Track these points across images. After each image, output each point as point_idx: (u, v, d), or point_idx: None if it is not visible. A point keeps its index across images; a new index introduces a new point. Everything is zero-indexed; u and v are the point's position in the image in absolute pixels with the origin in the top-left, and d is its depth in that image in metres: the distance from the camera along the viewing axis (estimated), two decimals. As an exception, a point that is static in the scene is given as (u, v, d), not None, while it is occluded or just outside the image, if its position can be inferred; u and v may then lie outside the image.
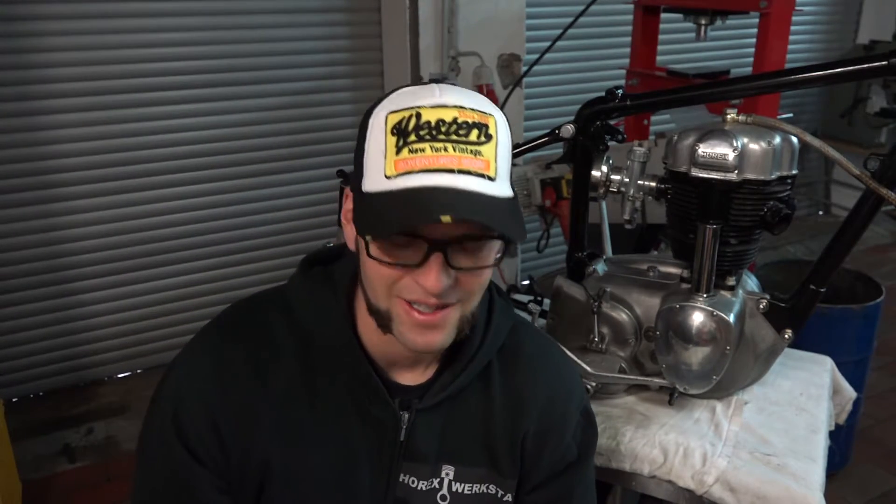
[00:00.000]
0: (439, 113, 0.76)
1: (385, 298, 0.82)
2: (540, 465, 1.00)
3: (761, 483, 1.20)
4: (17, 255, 2.61)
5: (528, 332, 1.05)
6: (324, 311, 0.91)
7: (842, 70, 1.18)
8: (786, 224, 1.23)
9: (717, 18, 2.26)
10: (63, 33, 2.50)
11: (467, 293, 0.82)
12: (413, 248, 0.78)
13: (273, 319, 0.93)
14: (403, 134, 0.76)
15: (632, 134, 2.47)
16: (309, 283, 0.94)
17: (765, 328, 1.32)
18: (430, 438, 0.95)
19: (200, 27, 2.69)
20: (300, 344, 0.91)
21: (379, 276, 0.81)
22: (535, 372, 1.01)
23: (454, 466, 0.96)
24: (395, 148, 0.76)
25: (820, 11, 4.47)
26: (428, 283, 0.77)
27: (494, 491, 0.98)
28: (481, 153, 0.77)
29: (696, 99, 1.39)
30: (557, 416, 1.00)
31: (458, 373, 0.94)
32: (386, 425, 0.93)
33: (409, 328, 0.82)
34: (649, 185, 1.32)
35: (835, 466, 2.40)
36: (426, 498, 0.96)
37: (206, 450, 0.88)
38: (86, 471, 2.45)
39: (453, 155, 0.75)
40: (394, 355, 0.92)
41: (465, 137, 0.76)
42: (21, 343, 2.71)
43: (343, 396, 0.92)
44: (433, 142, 0.75)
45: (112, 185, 2.70)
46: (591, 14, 2.51)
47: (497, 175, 0.78)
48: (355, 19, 2.95)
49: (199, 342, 0.93)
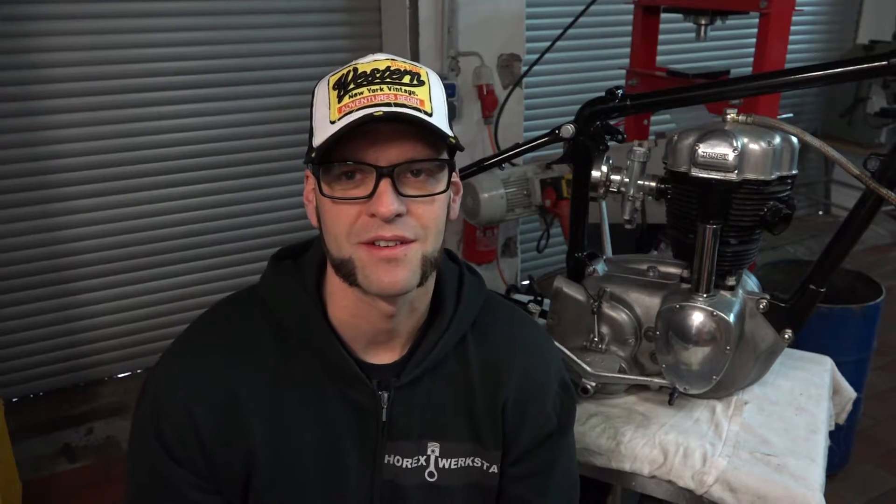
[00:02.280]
0: (374, 65, 0.85)
1: (346, 245, 0.85)
2: (521, 435, 1.01)
3: (761, 483, 1.20)
4: (17, 255, 2.61)
5: (501, 306, 1.07)
6: (294, 299, 0.94)
7: (842, 70, 1.18)
8: (786, 224, 1.24)
9: (717, 18, 2.26)
10: (63, 33, 2.49)
11: (423, 228, 0.85)
12: (363, 182, 0.83)
13: (247, 314, 0.95)
14: (343, 86, 0.84)
15: (632, 134, 2.47)
16: (279, 276, 0.96)
17: (765, 328, 1.32)
18: (411, 416, 0.96)
19: (200, 27, 2.69)
20: (275, 335, 0.93)
21: (337, 219, 0.84)
22: (511, 344, 1.03)
23: (439, 443, 0.98)
24: (337, 98, 0.83)
25: (820, 11, 4.47)
26: (381, 208, 0.81)
27: (480, 464, 1.00)
28: (415, 93, 0.84)
29: (696, 99, 1.39)
30: (535, 386, 1.02)
31: (433, 345, 0.96)
32: (366, 407, 0.94)
33: (372, 267, 0.84)
34: (649, 185, 1.32)
35: (835, 466, 2.40)
36: (413, 476, 0.97)
37: (186, 452, 0.89)
38: (86, 471, 2.45)
39: (389, 92, 0.82)
40: (367, 334, 0.94)
41: (398, 80, 0.84)
42: (21, 343, 2.71)
43: (321, 382, 0.93)
44: (370, 85, 0.83)
45: (112, 185, 2.69)
46: (591, 14, 2.51)
47: (434, 112, 0.84)
48: (355, 19, 2.94)
49: (177, 344, 0.95)
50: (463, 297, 0.99)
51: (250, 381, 0.91)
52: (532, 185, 2.41)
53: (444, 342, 0.96)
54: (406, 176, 0.83)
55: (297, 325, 0.93)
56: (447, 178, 0.87)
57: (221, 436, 0.90)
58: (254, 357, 0.93)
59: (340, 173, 0.83)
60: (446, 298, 0.98)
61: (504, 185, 2.39)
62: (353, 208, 0.83)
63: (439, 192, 0.86)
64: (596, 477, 1.36)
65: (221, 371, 0.91)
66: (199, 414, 0.89)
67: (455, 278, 1.01)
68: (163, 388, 0.91)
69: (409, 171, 0.83)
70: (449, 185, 0.88)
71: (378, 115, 0.79)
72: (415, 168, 0.84)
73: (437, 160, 0.85)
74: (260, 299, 0.96)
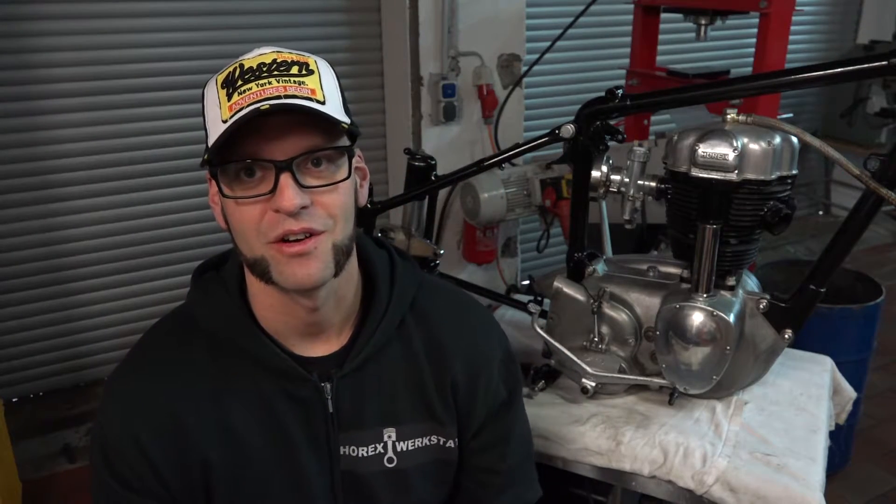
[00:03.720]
0: (259, 59, 0.84)
1: (257, 244, 0.84)
2: (475, 408, 1.03)
3: (761, 483, 1.20)
4: (17, 255, 2.61)
5: (437, 286, 1.09)
6: (220, 307, 0.94)
7: (842, 70, 1.18)
8: (786, 224, 1.23)
9: (717, 18, 2.26)
10: (63, 33, 2.49)
11: (330, 218, 0.84)
12: (264, 180, 0.82)
13: (176, 334, 0.95)
14: (231, 83, 0.83)
15: (632, 134, 2.48)
16: (201, 288, 0.97)
17: (765, 328, 1.32)
18: (361, 403, 0.96)
19: (200, 27, 2.69)
20: (209, 346, 0.93)
21: (243, 220, 0.83)
22: (453, 321, 1.04)
23: (395, 427, 0.98)
24: (227, 96, 0.82)
25: (820, 11, 4.47)
26: (284, 203, 0.80)
27: (437, 440, 1.02)
28: (305, 83, 0.82)
29: (696, 99, 1.39)
30: (482, 359, 1.04)
31: (373, 331, 0.96)
32: (311, 400, 0.94)
33: (285, 264, 0.83)
34: (649, 185, 1.32)
35: (835, 466, 2.40)
36: (372, 464, 0.98)
37: (141, 482, 0.89)
38: (86, 471, 2.42)
39: (278, 85, 0.81)
40: (297, 329, 0.94)
41: (286, 72, 0.82)
42: (21, 343, 2.70)
43: (262, 385, 0.93)
44: (258, 80, 0.81)
45: (112, 185, 2.69)
46: (591, 14, 2.51)
47: (326, 99, 0.83)
48: (355, 19, 2.94)
49: (112, 379, 0.95)
50: (396, 280, 1.00)
51: (189, 398, 0.91)
52: (532, 185, 2.41)
53: (384, 327, 0.97)
54: (306, 167, 0.83)
55: (227, 331, 0.93)
56: (348, 165, 0.86)
57: (172, 458, 0.90)
58: (188, 373, 0.92)
59: (239, 171, 0.82)
60: (380, 284, 0.98)
61: (504, 185, 2.39)
62: (256, 207, 0.82)
63: (341, 179, 0.85)
64: (596, 477, 1.36)
65: (159, 394, 0.91)
66: (145, 441, 0.89)
67: (386, 263, 1.01)
68: (106, 425, 0.91)
69: (308, 162, 0.82)
70: (351, 172, 0.87)
71: (265, 109, 0.78)
72: (314, 158, 0.83)
73: (335, 148, 0.84)
74: (188, 316, 0.96)
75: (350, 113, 0.89)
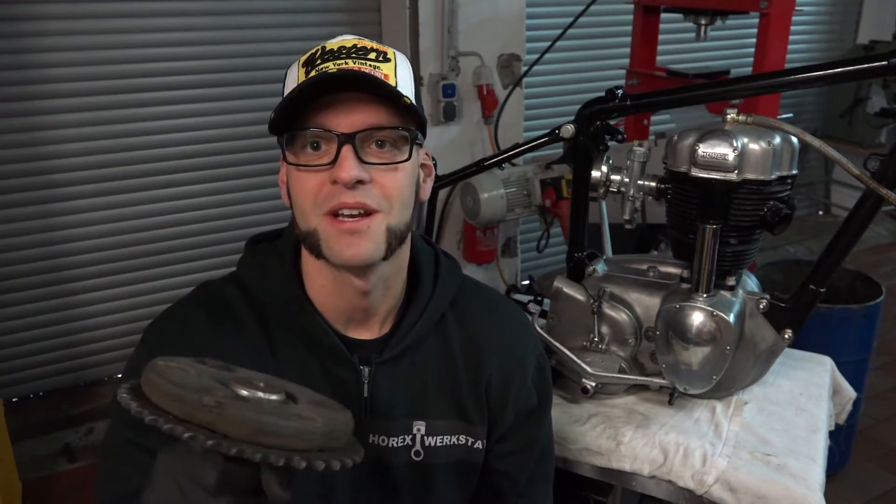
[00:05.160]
0: (341, 42, 0.87)
1: (312, 215, 0.85)
2: (506, 411, 1.03)
3: (761, 483, 1.20)
4: (17, 255, 2.61)
5: (477, 286, 1.10)
6: (273, 277, 0.95)
7: (842, 70, 1.18)
8: (786, 224, 1.23)
9: (717, 18, 2.26)
10: (63, 33, 2.49)
11: (387, 199, 0.86)
12: (328, 152, 0.84)
13: (229, 294, 0.96)
14: (311, 62, 0.86)
15: (632, 134, 2.47)
16: (256, 257, 0.98)
17: (765, 328, 1.32)
18: (394, 393, 0.97)
19: (200, 27, 2.69)
20: (256, 313, 0.94)
21: (303, 189, 0.85)
22: (490, 322, 1.05)
23: (425, 421, 0.99)
24: (305, 74, 0.86)
25: (820, 11, 4.47)
26: (342, 174, 0.82)
27: (465, 441, 1.02)
28: (380, 68, 0.85)
29: (696, 99, 1.39)
30: (516, 361, 1.04)
31: (415, 322, 0.97)
32: (348, 383, 0.95)
33: (336, 239, 0.85)
34: (649, 185, 1.32)
35: (835, 466, 2.40)
36: (399, 455, 0.98)
37: None
38: (86, 471, 2.45)
39: (353, 66, 0.84)
40: (345, 312, 0.95)
41: (364, 56, 0.86)
42: (21, 343, 2.71)
43: (304, 358, 0.94)
44: (335, 60, 0.85)
45: (112, 185, 2.69)
46: (591, 14, 2.51)
47: (398, 84, 0.86)
48: (355, 19, 2.94)
49: (163, 315, 0.96)
50: (440, 276, 1.01)
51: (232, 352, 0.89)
52: (532, 185, 2.41)
53: (425, 319, 0.98)
54: (369, 146, 0.85)
55: (278, 302, 0.94)
56: (410, 149, 0.88)
57: None
58: (238, 332, 0.93)
59: (305, 143, 0.85)
60: (424, 278, 1.00)
61: (504, 185, 2.39)
62: (317, 177, 0.84)
63: (402, 160, 0.87)
64: (596, 477, 1.36)
65: (207, 338, 0.91)
66: None
67: (431, 260, 1.02)
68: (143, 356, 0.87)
69: (372, 142, 0.85)
70: (412, 155, 0.88)
71: (332, 72, 0.82)
72: (378, 137, 0.85)
73: (400, 128, 0.86)
74: (238, 281, 0.97)
75: (422, 109, 0.91)
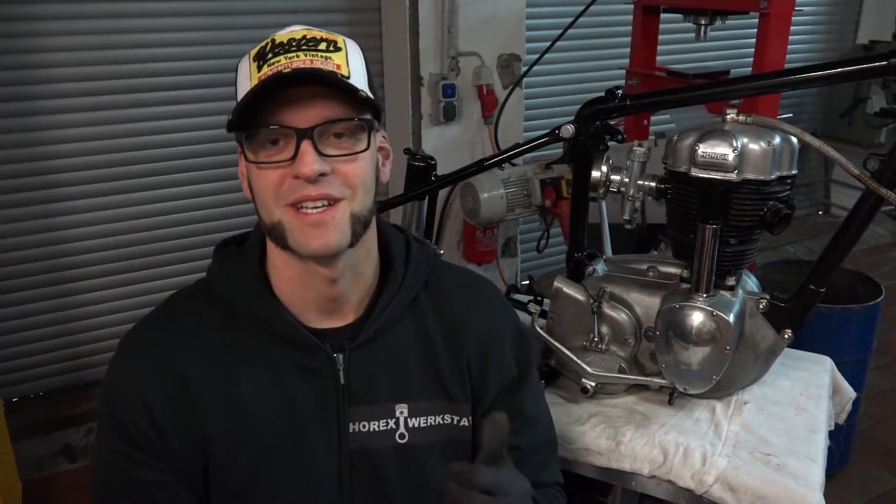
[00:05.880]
0: (290, 35, 0.88)
1: (275, 208, 0.87)
2: (488, 385, 1.04)
3: (761, 483, 1.20)
4: (17, 255, 2.61)
5: (449, 266, 1.11)
6: (237, 276, 0.96)
7: (842, 70, 1.18)
8: (785, 224, 1.23)
9: (717, 18, 2.26)
10: (63, 33, 2.49)
11: (349, 187, 0.87)
12: (286, 147, 0.85)
13: (194, 300, 0.98)
14: (262, 56, 0.87)
15: (632, 134, 2.47)
16: (223, 260, 1.00)
17: (765, 328, 1.32)
18: (373, 378, 0.97)
19: (200, 27, 2.69)
20: (225, 315, 0.95)
21: (264, 184, 0.86)
22: (465, 300, 1.06)
23: (407, 404, 0.99)
24: (257, 69, 0.86)
25: (820, 11, 4.47)
26: (303, 169, 0.83)
27: (451, 420, 1.02)
28: (331, 58, 0.87)
29: (696, 99, 1.39)
30: (493, 336, 1.05)
31: (387, 305, 0.98)
32: (323, 372, 0.95)
33: (301, 231, 0.86)
34: (649, 185, 1.32)
35: (834, 466, 2.40)
36: (383, 439, 0.98)
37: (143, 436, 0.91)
38: (86, 471, 2.45)
39: (305, 58, 0.85)
40: (315, 303, 0.95)
41: (314, 47, 0.87)
42: (21, 343, 2.70)
43: (275, 355, 0.94)
44: (286, 53, 0.86)
45: (112, 185, 2.69)
46: (591, 14, 2.51)
47: (351, 75, 0.87)
48: (355, 19, 2.94)
49: (126, 336, 0.97)
50: (411, 259, 1.02)
51: (199, 360, 0.92)
52: (532, 185, 2.40)
53: (398, 301, 0.99)
54: (328, 138, 0.86)
55: (243, 300, 0.95)
56: (368, 138, 0.89)
57: (175, 416, 0.91)
58: (201, 337, 0.94)
59: (265, 140, 0.86)
60: (395, 263, 1.01)
61: (504, 185, 2.39)
62: (277, 172, 0.85)
63: (361, 150, 0.88)
64: (596, 477, 1.36)
65: (168, 353, 0.93)
66: (151, 397, 0.90)
67: (402, 245, 1.04)
68: (115, 379, 0.93)
69: (330, 133, 0.86)
70: (370, 144, 0.90)
71: (287, 73, 0.82)
72: (335, 130, 0.86)
73: (356, 119, 0.87)
74: (206, 287, 0.98)
75: (376, 94, 0.92)
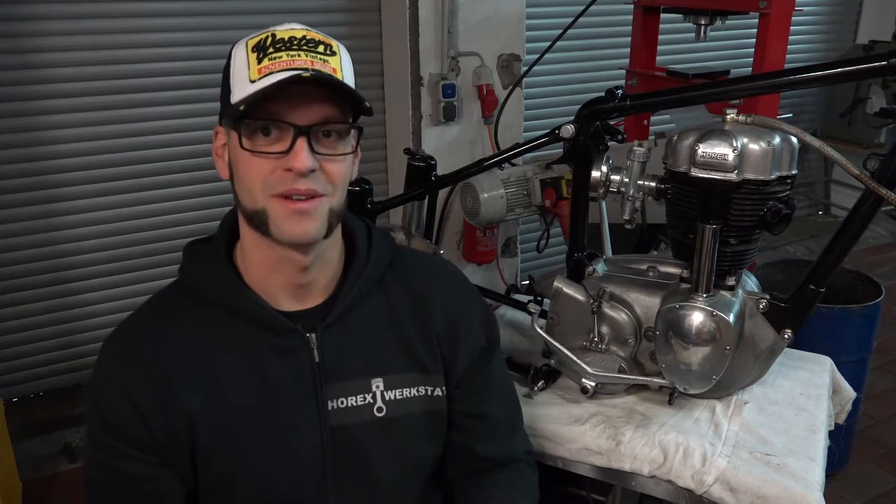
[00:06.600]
0: (291, 33, 0.93)
1: (261, 197, 0.91)
2: (458, 357, 1.10)
3: (761, 483, 1.20)
4: (17, 255, 2.61)
5: (408, 250, 1.20)
6: (207, 267, 1.01)
7: (842, 70, 1.18)
8: (785, 224, 1.24)
9: (716, 18, 2.26)
10: (63, 33, 2.49)
11: (332, 184, 0.93)
12: (280, 139, 0.89)
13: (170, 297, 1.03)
14: (262, 49, 0.90)
15: (632, 134, 2.47)
16: (192, 256, 1.04)
17: (765, 328, 1.32)
18: (346, 354, 1.01)
19: (200, 27, 2.69)
20: (197, 304, 0.99)
21: (253, 172, 0.90)
22: (428, 276, 1.12)
23: (382, 377, 1.03)
24: (257, 60, 0.90)
25: (820, 11, 4.47)
26: (297, 164, 0.88)
27: (425, 391, 1.06)
28: (328, 62, 0.92)
29: (696, 99, 1.39)
30: (460, 308, 1.11)
31: (354, 282, 1.03)
32: (298, 351, 0.99)
33: (284, 219, 0.91)
34: (649, 185, 1.32)
35: (834, 466, 2.40)
36: (361, 413, 1.01)
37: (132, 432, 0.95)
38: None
39: (306, 59, 0.90)
40: (284, 287, 0.99)
41: (314, 49, 0.92)
42: (21, 343, 2.70)
43: (250, 339, 0.98)
44: (288, 51, 0.90)
45: (112, 185, 2.69)
46: (591, 14, 2.50)
47: (345, 77, 0.93)
48: (355, 19, 2.94)
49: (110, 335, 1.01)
50: (373, 243, 1.07)
51: (177, 350, 0.97)
52: (532, 185, 2.40)
53: (364, 278, 1.04)
54: (319, 136, 0.91)
55: (214, 288, 0.99)
56: (355, 141, 0.96)
57: (160, 408, 0.95)
58: (178, 329, 0.98)
59: (258, 129, 0.89)
60: (359, 246, 1.06)
61: (504, 185, 2.38)
62: (268, 162, 0.89)
63: (348, 152, 0.94)
64: (595, 477, 1.36)
65: (148, 347, 0.97)
66: (133, 389, 0.94)
67: (364, 231, 1.08)
68: (98, 380, 0.97)
69: (322, 131, 0.91)
70: (356, 148, 0.97)
71: (305, 77, 0.86)
72: (328, 129, 0.91)
73: (350, 123, 0.93)
74: (179, 284, 1.03)
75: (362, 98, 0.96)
